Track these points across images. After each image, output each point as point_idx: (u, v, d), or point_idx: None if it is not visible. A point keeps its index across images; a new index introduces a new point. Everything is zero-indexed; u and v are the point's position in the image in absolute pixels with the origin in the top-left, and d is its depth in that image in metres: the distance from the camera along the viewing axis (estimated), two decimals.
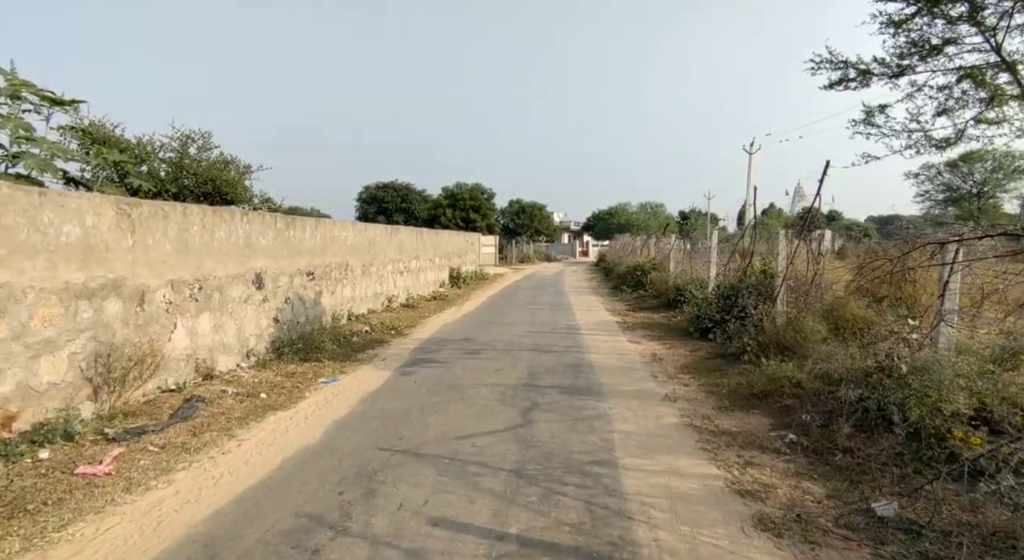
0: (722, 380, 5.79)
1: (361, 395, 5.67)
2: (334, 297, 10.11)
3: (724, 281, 9.16)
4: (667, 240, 16.07)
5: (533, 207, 48.82)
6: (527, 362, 7.00)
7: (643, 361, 6.98)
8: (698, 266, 12.46)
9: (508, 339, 8.70)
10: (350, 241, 10.93)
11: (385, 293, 12.98)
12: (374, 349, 8.20)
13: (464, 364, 7.00)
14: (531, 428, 4.48)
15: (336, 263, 10.23)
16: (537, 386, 5.80)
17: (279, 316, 8.06)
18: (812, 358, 4.49)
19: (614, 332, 9.32)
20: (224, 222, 6.80)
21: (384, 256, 12.98)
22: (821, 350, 4.46)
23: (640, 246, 19.35)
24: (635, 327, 9.83)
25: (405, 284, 14.52)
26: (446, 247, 19.55)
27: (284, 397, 5.60)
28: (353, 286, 11.07)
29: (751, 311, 7.70)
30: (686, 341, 8.27)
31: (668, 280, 13.52)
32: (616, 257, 26.44)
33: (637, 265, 16.39)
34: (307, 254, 9.04)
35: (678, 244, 14.57)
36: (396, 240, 13.89)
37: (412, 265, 15.23)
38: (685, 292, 11.12)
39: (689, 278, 11.97)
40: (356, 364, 7.15)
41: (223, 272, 6.75)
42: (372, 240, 12.20)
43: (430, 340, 8.88)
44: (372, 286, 12.16)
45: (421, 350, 8.06)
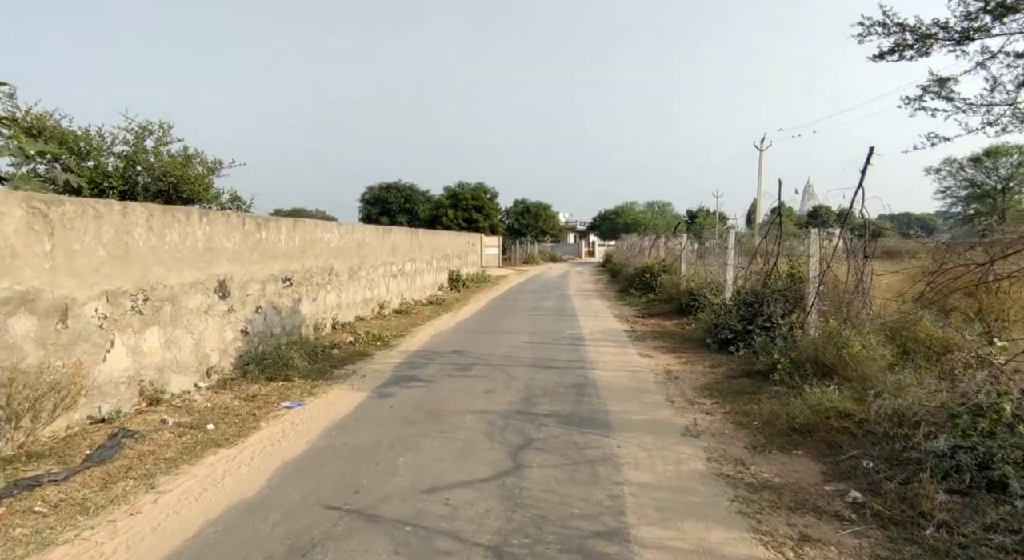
0: (752, 407, 4.88)
1: (326, 425, 4.82)
2: (316, 305, 9.29)
3: (744, 286, 8.24)
4: (677, 240, 15.14)
5: (538, 207, 47.98)
6: (523, 381, 6.12)
7: (656, 380, 6.08)
8: (712, 268, 11.53)
9: (504, 352, 7.83)
10: (335, 243, 10.11)
11: (376, 298, 12.16)
12: (354, 364, 7.36)
13: (451, 384, 6.14)
14: (521, 476, 3.60)
15: (318, 267, 9.40)
16: (532, 414, 4.92)
17: (248, 328, 7.24)
18: (875, 389, 3.59)
19: (623, 343, 8.42)
20: (178, 223, 5.98)
21: (375, 259, 12.15)
22: (888, 380, 3.56)
23: (648, 247, 18.42)
24: (645, 337, 8.93)
25: (399, 288, 13.69)
26: (445, 248, 18.72)
27: (234, 428, 4.76)
28: (339, 292, 10.24)
29: (778, 321, 6.78)
30: (704, 354, 7.35)
31: (680, 283, 12.59)
32: (623, 258, 25.50)
33: (646, 267, 15.46)
34: (283, 258, 8.22)
35: (689, 245, 13.64)
36: (388, 242, 13.06)
37: (407, 268, 14.40)
38: (699, 297, 10.20)
39: (703, 281, 11.05)
40: (330, 383, 6.31)
41: (176, 280, 5.93)
42: (361, 242, 11.37)
43: (418, 353, 8.03)
44: (361, 291, 11.33)
45: (406, 365, 7.20)
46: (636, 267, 16.80)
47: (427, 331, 10.09)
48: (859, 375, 4.83)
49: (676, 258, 13.97)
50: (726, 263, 9.95)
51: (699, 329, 8.92)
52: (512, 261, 36.54)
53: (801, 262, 7.12)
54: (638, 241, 22.54)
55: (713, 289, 10.19)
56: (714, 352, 7.37)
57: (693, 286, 10.69)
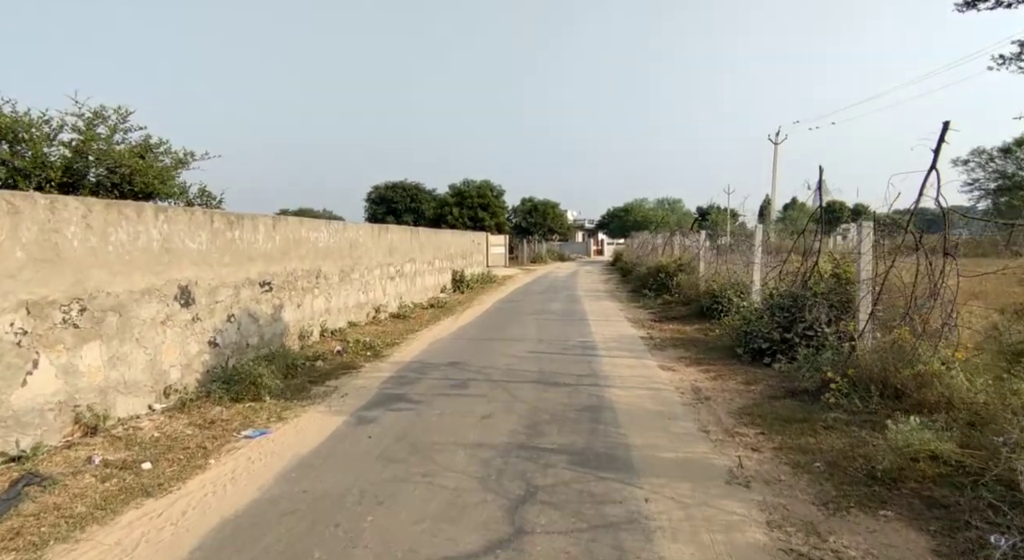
0: (808, 440, 3.97)
1: (287, 462, 3.97)
2: (301, 311, 8.46)
3: (776, 287, 7.30)
4: (694, 238, 14.18)
5: (546, 205, 47.09)
6: (527, 403, 5.24)
7: (684, 401, 5.18)
8: (736, 267, 10.58)
9: (507, 364, 6.95)
10: (323, 243, 9.28)
11: (372, 302, 11.33)
12: (337, 379, 6.52)
13: (444, 405, 5.27)
14: (522, 550, 2.73)
15: (304, 270, 8.58)
16: (537, 449, 4.04)
17: (218, 339, 6.42)
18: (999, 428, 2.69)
19: (640, 352, 7.50)
20: (126, 221, 5.16)
21: (370, 260, 11.33)
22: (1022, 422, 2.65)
23: (662, 244, 17.47)
24: (665, 344, 8.01)
25: (397, 291, 12.86)
26: (448, 248, 17.88)
27: (176, 467, 3.92)
28: (328, 296, 9.41)
29: (823, 329, 5.85)
30: (734, 367, 6.43)
31: (699, 284, 11.65)
32: (634, 256, 24.53)
33: (660, 266, 14.52)
34: (261, 260, 7.40)
35: (707, 242, 12.67)
36: (385, 241, 12.23)
37: (406, 269, 13.57)
38: (723, 299, 9.26)
39: (725, 281, 10.10)
40: (305, 404, 5.47)
41: (124, 286, 5.11)
42: (354, 242, 10.54)
43: (411, 365, 7.18)
44: (354, 295, 10.51)
45: (396, 380, 6.35)
46: (649, 266, 15.86)
47: (424, 338, 9.24)
48: (926, 396, 3.91)
49: (694, 257, 13.02)
50: (752, 262, 9.00)
51: (725, 336, 7.99)
52: (519, 260, 35.67)
53: (849, 261, 6.17)
54: (650, 239, 21.57)
55: (738, 290, 9.25)
56: (746, 364, 6.44)
57: (715, 287, 9.76)
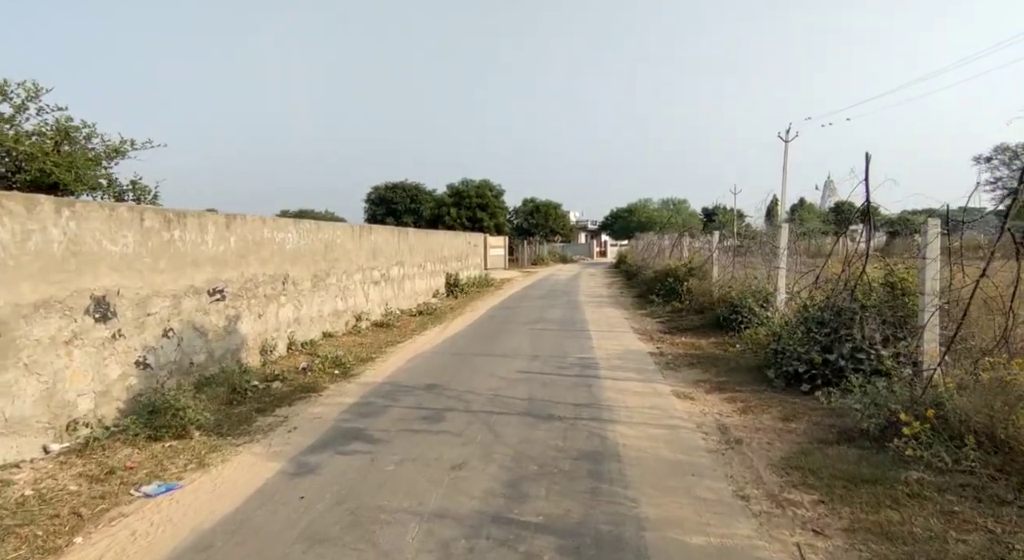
0: (890, 516, 2.89)
1: (178, 544, 2.93)
2: (263, 321, 7.43)
3: (812, 297, 6.22)
4: (705, 238, 13.09)
5: (548, 206, 46.10)
6: (511, 446, 4.18)
7: (709, 445, 4.10)
8: (756, 272, 9.50)
9: (492, 388, 5.90)
10: (292, 245, 8.25)
11: (352, 309, 10.30)
12: (292, 405, 5.49)
13: (408, 447, 4.23)
14: None
15: (267, 275, 7.55)
16: (518, 524, 2.99)
17: (149, 358, 5.39)
18: None
19: (650, 373, 6.43)
20: (8, 217, 4.14)
21: (350, 263, 10.30)
22: None
23: (670, 246, 16.38)
24: (678, 363, 6.93)
25: (382, 297, 11.82)
26: (441, 250, 16.85)
27: (25, 551, 2.88)
28: (297, 304, 8.38)
29: (876, 350, 4.78)
30: (765, 394, 5.35)
31: (712, 290, 10.58)
32: (639, 259, 23.44)
33: (668, 270, 13.44)
34: (210, 264, 6.37)
35: (720, 244, 11.58)
36: (368, 243, 11.20)
37: (393, 273, 12.54)
38: (742, 309, 8.19)
39: (745, 289, 9.02)
40: (241, 442, 4.44)
41: (8, 298, 4.09)
42: (330, 243, 9.52)
43: (382, 387, 6.13)
44: (330, 302, 9.47)
45: (358, 409, 5.31)
46: (657, 270, 14.78)
47: (405, 352, 8.19)
48: None
49: (705, 260, 11.93)
50: (777, 267, 7.93)
51: (749, 353, 6.92)
52: (519, 262, 34.61)
53: (907, 266, 5.09)
54: (656, 240, 20.48)
55: (759, 299, 8.17)
56: (780, 392, 5.35)
57: (734, 295, 8.68)
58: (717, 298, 10.09)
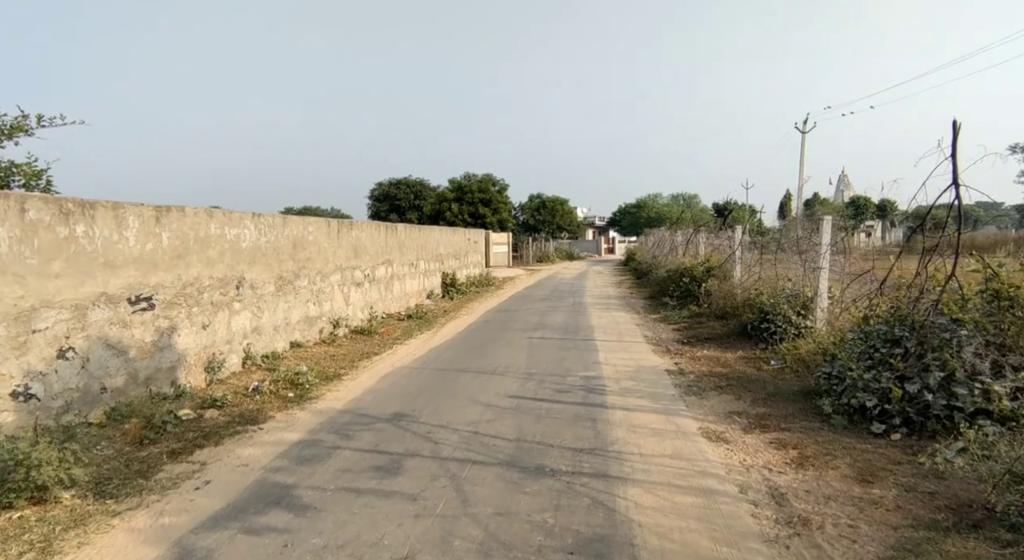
0: None
1: None
2: (209, 333, 6.30)
3: (873, 307, 4.96)
4: (725, 235, 11.81)
5: (555, 202, 44.98)
6: (481, 524, 3.00)
7: (765, 530, 2.89)
8: (789, 272, 8.24)
9: (473, 420, 4.72)
10: (249, 242, 7.11)
11: (328, 315, 9.16)
12: (217, 445, 4.35)
13: (339, 525, 3.06)
14: None
15: (215, 278, 6.42)
16: None
17: (34, 387, 4.28)
18: None
19: (669, 401, 5.21)
20: None
21: (325, 263, 9.16)
22: None
23: (683, 243, 15.10)
24: (703, 384, 5.70)
25: (366, 300, 10.68)
26: (436, 247, 15.68)
27: None
28: (257, 311, 7.25)
29: (982, 382, 3.55)
30: (822, 434, 4.11)
31: (735, 293, 9.33)
32: (649, 256, 22.14)
33: (683, 269, 12.17)
34: (132, 267, 5.24)
35: (744, 240, 10.30)
36: (348, 240, 10.05)
37: (379, 273, 11.39)
38: (775, 316, 6.94)
39: (776, 292, 7.77)
40: (123, 508, 3.30)
41: None
42: (299, 240, 8.37)
43: (338, 418, 4.98)
44: (300, 307, 8.34)
45: (297, 454, 4.15)
46: (670, 269, 13.51)
47: (380, 367, 7.04)
48: None
49: (726, 258, 10.66)
50: (818, 267, 6.67)
51: (788, 372, 5.69)
52: (524, 260, 33.39)
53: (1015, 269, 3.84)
54: (668, 236, 19.17)
55: (796, 305, 6.92)
56: (841, 431, 4.12)
57: (764, 300, 7.43)
58: (741, 302, 8.84)
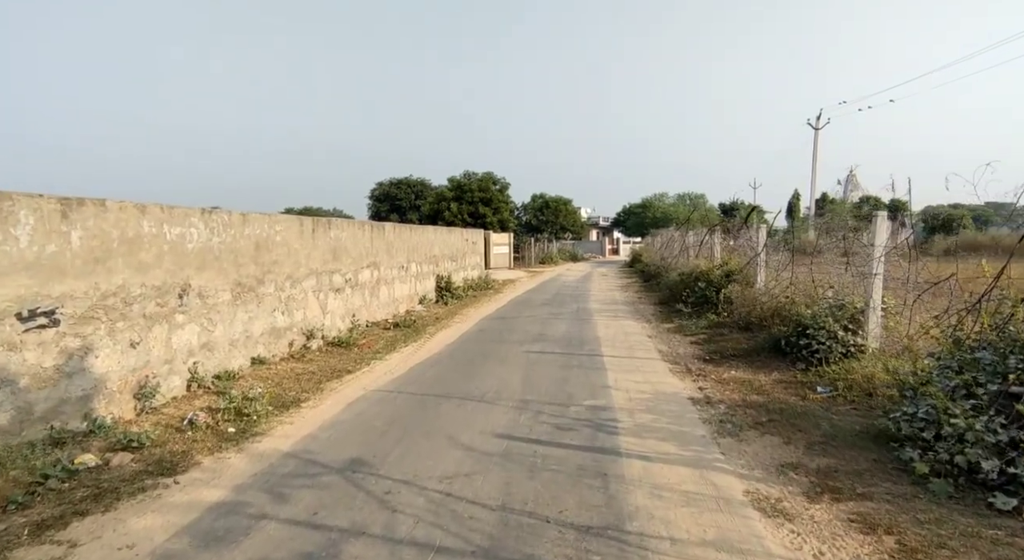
0: None
1: None
2: (140, 352, 5.25)
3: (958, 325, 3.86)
4: (745, 234, 10.71)
5: (558, 202, 43.99)
6: None
7: None
8: (826, 277, 7.13)
9: (448, 473, 3.64)
10: (197, 243, 6.06)
11: (300, 326, 8.11)
12: (106, 512, 3.30)
13: None
14: None
15: (149, 286, 5.37)
16: None
17: None
18: None
19: (701, 446, 4.10)
20: None
21: (297, 267, 8.11)
22: None
23: (697, 244, 13.96)
24: (739, 420, 4.59)
25: (347, 307, 9.62)
26: (430, 248, 14.61)
27: None
28: (207, 324, 6.20)
29: None
30: (919, 505, 3.01)
31: (761, 300, 8.22)
32: (657, 257, 21.02)
33: (699, 272, 11.06)
34: (24, 274, 4.19)
35: (768, 240, 9.17)
36: (326, 241, 9.00)
37: (363, 277, 10.33)
38: (818, 331, 5.84)
39: (814, 300, 6.66)
40: None
41: None
42: (263, 241, 7.32)
43: (276, 468, 3.91)
44: (264, 318, 7.28)
45: (205, 529, 3.08)
46: (683, 272, 12.40)
47: (349, 389, 5.99)
48: None
49: (748, 261, 9.55)
50: (872, 272, 5.56)
51: (841, 400, 4.60)
52: (526, 262, 32.30)
53: None
54: (678, 237, 18.04)
55: (843, 318, 5.81)
56: (947, 502, 3.02)
57: (802, 310, 6.32)
58: (769, 311, 7.73)
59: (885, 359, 4.95)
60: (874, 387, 4.68)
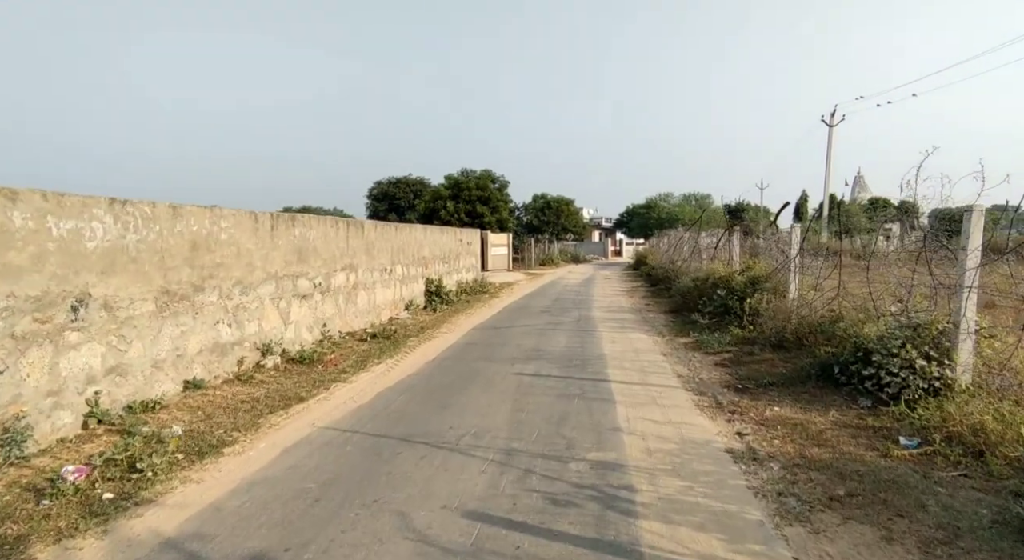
0: None
1: None
2: (7, 383, 4.00)
3: None
4: (770, 235, 9.41)
5: (560, 202, 42.80)
6: None
7: None
8: (882, 286, 5.86)
9: None
10: (99, 242, 4.81)
11: (254, 339, 6.87)
12: None
13: None
14: None
15: (19, 296, 4.12)
16: None
17: None
18: None
19: (762, 544, 2.86)
20: None
21: (250, 269, 6.87)
22: None
23: (713, 245, 12.62)
24: (804, 494, 3.33)
25: (317, 316, 8.38)
26: (419, 249, 13.36)
27: None
28: (118, 342, 4.95)
29: None
30: None
31: (798, 312, 6.94)
32: (665, 260, 19.73)
33: (716, 277, 9.79)
34: None
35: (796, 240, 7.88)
36: (289, 240, 7.75)
37: (336, 282, 9.09)
38: (888, 359, 4.56)
39: (868, 317, 5.39)
40: None
41: None
42: (202, 239, 6.08)
43: None
44: (204, 332, 6.04)
45: None
46: (696, 277, 11.12)
47: (290, 429, 4.74)
48: None
49: (780, 267, 8.26)
50: (966, 285, 4.29)
51: (944, 462, 3.34)
52: (525, 263, 31.03)
53: None
54: (689, 238, 16.75)
55: (922, 343, 4.54)
56: None
57: (864, 331, 5.05)
58: (809, 327, 6.46)
59: (994, 402, 3.68)
60: (987, 442, 3.42)
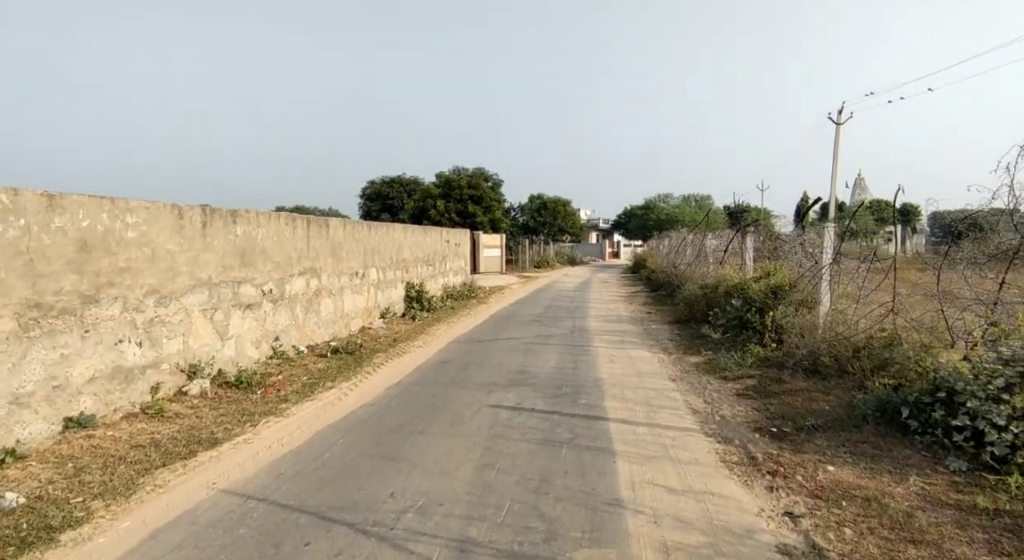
0: None
1: None
2: None
3: None
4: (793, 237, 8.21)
5: (556, 202, 41.63)
6: None
7: None
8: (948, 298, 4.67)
9: None
10: None
11: (177, 359, 5.63)
12: None
13: None
14: None
15: None
16: None
17: None
18: None
19: None
20: None
21: (171, 275, 5.63)
22: None
23: (722, 249, 11.40)
24: None
25: (266, 328, 7.15)
26: (397, 250, 12.13)
27: None
28: None
29: None
30: None
31: (835, 330, 5.74)
32: (667, 264, 18.53)
33: (730, 286, 8.60)
34: None
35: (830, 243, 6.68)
36: (228, 240, 6.51)
37: (293, 288, 7.86)
38: (989, 404, 3.36)
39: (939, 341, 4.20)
40: None
41: None
42: (97, 239, 4.84)
43: None
44: (99, 355, 4.80)
45: None
46: (705, 284, 9.92)
47: (177, 494, 3.52)
48: None
49: (811, 274, 7.06)
50: None
51: None
52: (519, 265, 29.82)
53: None
54: (694, 240, 15.55)
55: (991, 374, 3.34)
56: None
57: (949, 362, 3.87)
58: (854, 349, 5.27)
59: None
60: None
